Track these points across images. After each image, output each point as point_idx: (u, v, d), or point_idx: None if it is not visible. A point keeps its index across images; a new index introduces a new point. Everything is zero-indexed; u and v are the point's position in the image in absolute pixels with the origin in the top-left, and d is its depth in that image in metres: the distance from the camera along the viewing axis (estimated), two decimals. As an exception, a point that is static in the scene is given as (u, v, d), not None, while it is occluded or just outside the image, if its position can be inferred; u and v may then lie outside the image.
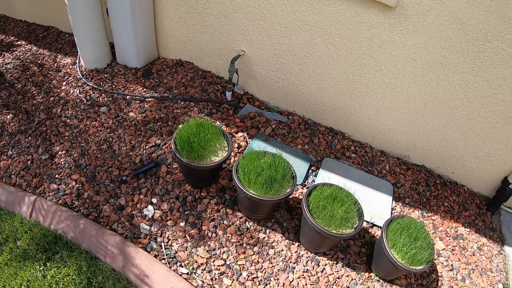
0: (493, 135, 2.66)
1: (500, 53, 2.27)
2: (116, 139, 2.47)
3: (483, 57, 2.31)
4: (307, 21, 2.49)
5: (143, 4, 2.68)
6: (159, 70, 2.91)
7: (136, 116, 2.59)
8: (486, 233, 2.78)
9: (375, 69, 2.56)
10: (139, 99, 2.66)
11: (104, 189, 2.24)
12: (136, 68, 2.89)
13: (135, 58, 2.83)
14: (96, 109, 2.59)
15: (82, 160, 2.34)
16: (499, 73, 2.35)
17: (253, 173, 2.03)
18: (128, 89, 2.73)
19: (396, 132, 2.86)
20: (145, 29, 2.79)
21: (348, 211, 2.03)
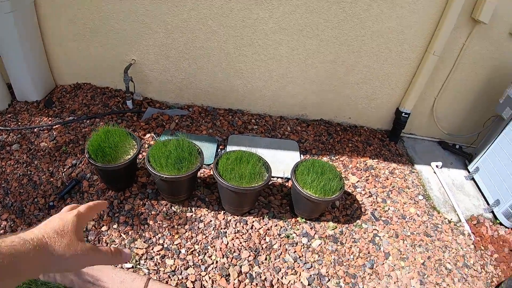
0: (374, 76, 3.22)
1: (358, 5, 2.82)
2: (34, 171, 2.72)
3: (344, 12, 2.85)
4: (184, 18, 2.91)
5: (32, 39, 2.91)
6: (60, 98, 3.18)
7: (47, 144, 2.85)
8: (394, 159, 3.33)
9: (253, 46, 3.04)
10: (47, 128, 2.92)
11: (35, 219, 2.48)
12: (37, 101, 3.13)
13: (34, 92, 3.07)
14: (8, 149, 2.81)
15: (7, 199, 2.56)
16: (362, 23, 2.88)
17: (163, 157, 2.39)
18: (34, 122, 2.98)
19: (289, 96, 3.33)
20: (38, 63, 3.02)
21: (255, 166, 2.46)
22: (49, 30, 3.02)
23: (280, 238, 2.52)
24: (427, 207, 3.05)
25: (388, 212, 2.90)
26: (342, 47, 3.04)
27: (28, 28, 2.89)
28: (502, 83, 3.30)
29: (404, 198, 3.04)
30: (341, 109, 3.40)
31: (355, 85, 3.25)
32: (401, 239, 2.74)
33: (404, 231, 2.81)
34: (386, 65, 3.15)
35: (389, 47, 3.06)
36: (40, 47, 3.06)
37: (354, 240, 2.65)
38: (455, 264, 2.69)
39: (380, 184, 3.06)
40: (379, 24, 2.94)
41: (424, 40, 3.06)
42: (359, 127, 3.49)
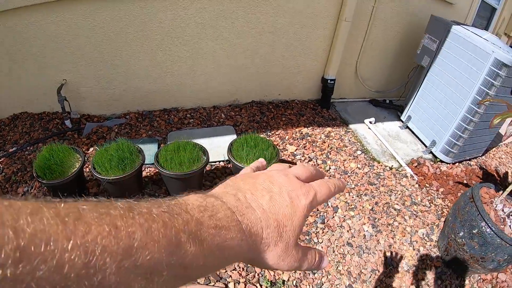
0: (294, 51, 3.59)
1: None
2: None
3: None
4: (106, 32, 3.08)
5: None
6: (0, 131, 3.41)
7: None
8: (329, 123, 3.70)
9: (175, 44, 3.33)
10: (-8, 163, 3.15)
11: None
12: (-23, 140, 3.35)
13: (-28, 131, 3.30)
14: (-46, 191, 3.02)
15: None
16: (271, 3, 3.21)
17: (106, 162, 2.65)
18: (-23, 160, 3.19)
19: (217, 86, 3.61)
20: (-31, 103, 3.26)
21: (192, 152, 2.76)
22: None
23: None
24: (367, 159, 3.43)
25: (329, 171, 3.25)
26: (258, 30, 3.38)
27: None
28: (417, 35, 3.74)
29: (343, 156, 3.40)
30: (270, 88, 3.74)
31: (278, 63, 3.60)
32: (347, 192, 3.09)
33: (348, 184, 3.16)
34: (304, 38, 3.51)
35: (302, 22, 3.43)
36: (-31, 87, 3.26)
37: (300, 201, 2.99)
38: (403, 204, 3.05)
39: (318, 148, 3.41)
40: (291, 2, 3.29)
41: (335, 9, 3.44)
42: (290, 101, 3.85)
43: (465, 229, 2.41)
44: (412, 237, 2.80)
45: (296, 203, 0.46)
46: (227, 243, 0.38)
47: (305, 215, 0.47)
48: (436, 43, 3.50)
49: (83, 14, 3.01)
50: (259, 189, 0.46)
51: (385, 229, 2.82)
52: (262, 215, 0.43)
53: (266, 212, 0.43)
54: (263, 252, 0.43)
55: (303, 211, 0.46)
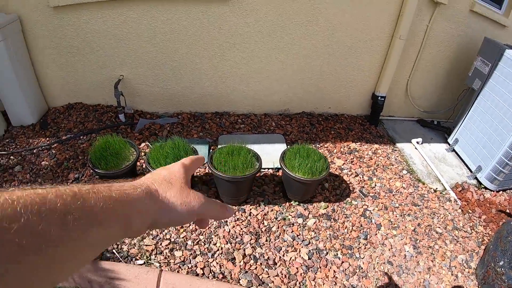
0: (347, 65, 3.58)
1: (324, 1, 3.20)
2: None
3: (312, 9, 3.20)
4: (166, 32, 3.24)
5: (24, 65, 3.18)
6: (54, 119, 3.45)
7: (49, 163, 3.11)
8: (376, 140, 3.67)
9: (232, 50, 3.37)
10: (46, 148, 3.19)
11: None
12: (33, 124, 3.39)
13: (29, 116, 3.34)
14: (10, 171, 3.06)
15: None
16: (329, 17, 3.24)
17: (161, 158, 2.68)
18: (32, 144, 3.24)
19: (270, 94, 3.66)
20: (31, 87, 3.29)
21: (246, 157, 2.76)
22: (38, 55, 3.31)
23: (277, 221, 2.80)
24: (412, 180, 3.38)
25: (375, 188, 3.21)
26: (314, 42, 3.40)
27: (19, 55, 3.18)
28: (469, 57, 3.68)
29: (389, 174, 3.36)
30: (321, 100, 3.74)
31: (331, 76, 3.60)
32: (391, 211, 3.05)
33: (393, 203, 3.12)
34: (358, 53, 3.51)
35: (358, 37, 3.42)
36: (31, 72, 3.34)
37: (346, 216, 2.95)
38: (445, 228, 2.99)
39: (365, 164, 3.38)
40: (346, 16, 3.30)
41: (390, 26, 3.43)
42: (339, 115, 3.84)
43: (505, 259, 2.34)
44: (452, 262, 2.74)
45: (170, 167, 0.65)
46: (132, 196, 0.52)
47: (183, 171, 0.65)
48: (488, 66, 3.43)
49: (145, 14, 3.11)
50: (156, 171, 0.65)
51: (426, 251, 2.77)
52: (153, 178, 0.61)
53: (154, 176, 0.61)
54: (167, 196, 0.59)
55: (178, 169, 0.65)
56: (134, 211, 0.52)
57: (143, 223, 0.54)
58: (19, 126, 3.40)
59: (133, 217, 0.52)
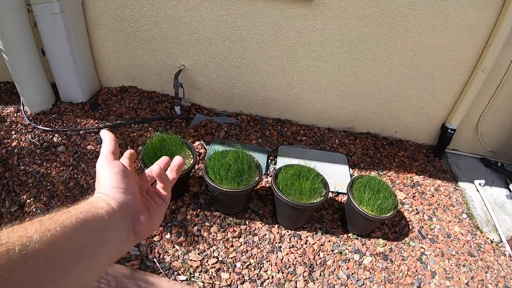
0: (423, 90, 3.25)
1: (412, 20, 2.83)
2: (81, 174, 2.72)
3: (398, 26, 2.88)
4: (238, 26, 2.92)
5: (80, 39, 2.92)
6: (106, 100, 3.18)
7: (94, 148, 2.85)
8: (439, 176, 3.36)
9: (306, 57, 3.05)
10: (93, 131, 2.93)
11: None
12: (83, 103, 3.13)
13: (80, 93, 3.08)
14: (53, 151, 2.81)
15: (53, 202, 2.56)
16: (415, 37, 2.93)
17: (222, 170, 2.40)
18: (79, 124, 2.98)
19: (338, 108, 3.36)
20: (85, 63, 3.03)
21: (314, 182, 2.47)
22: (96, 32, 3.03)
23: (333, 254, 2.54)
24: (471, 226, 3.09)
25: (434, 230, 2.93)
26: (394, 61, 3.05)
27: (76, 29, 2.90)
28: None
29: (449, 216, 3.07)
30: (388, 123, 3.42)
31: (404, 100, 3.27)
32: (447, 258, 2.78)
33: (449, 250, 2.84)
34: (436, 80, 3.17)
35: (440, 62, 3.08)
36: (87, 48, 3.06)
37: (403, 258, 2.68)
38: (496, 285, 2.72)
39: (426, 201, 3.08)
40: (432, 39, 2.95)
41: (474, 57, 3.08)
42: (404, 141, 3.52)
43: None
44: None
45: (112, 169, 0.59)
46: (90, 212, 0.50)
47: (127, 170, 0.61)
48: None
49: (220, 4, 2.82)
50: (100, 177, 0.61)
51: (476, 309, 2.52)
52: (105, 189, 0.58)
53: (105, 187, 0.58)
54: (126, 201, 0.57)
55: (122, 169, 0.59)
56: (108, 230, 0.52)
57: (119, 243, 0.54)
58: (68, 103, 3.13)
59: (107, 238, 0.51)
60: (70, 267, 0.43)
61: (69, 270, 0.43)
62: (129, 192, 0.58)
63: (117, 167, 0.59)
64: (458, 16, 2.82)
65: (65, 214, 0.47)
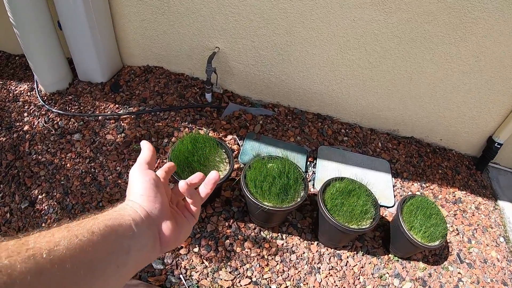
0: (476, 99, 2.88)
1: (480, 23, 2.45)
2: (98, 168, 2.34)
3: (464, 28, 2.47)
4: (285, 8, 2.47)
5: (100, 11, 2.46)
6: (128, 81, 2.74)
7: (115, 138, 2.46)
8: (480, 192, 3.07)
9: (359, 50, 2.63)
10: (114, 118, 2.52)
11: None
12: (102, 83, 2.69)
13: (99, 72, 2.63)
14: (69, 138, 2.41)
15: (67, 200, 2.20)
16: (479, 42, 2.54)
17: (265, 184, 2.04)
18: (98, 108, 2.56)
19: (384, 109, 3.00)
20: (105, 38, 2.58)
21: (365, 203, 2.15)
22: (120, 4, 2.54)
23: (374, 278, 2.27)
24: (506, 251, 2.85)
25: (472, 254, 2.69)
26: (453, 65, 2.66)
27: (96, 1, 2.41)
28: None
29: (487, 239, 2.81)
30: (434, 129, 3.07)
31: (455, 107, 2.90)
32: (481, 286, 2.55)
33: (485, 277, 2.61)
34: (492, 91, 2.80)
35: (500, 72, 2.69)
36: (108, 22, 2.60)
37: (441, 284, 2.44)
38: None
39: (467, 221, 2.81)
40: (497, 46, 2.55)
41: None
42: (447, 150, 3.19)
43: None
44: None
45: (144, 178, 0.59)
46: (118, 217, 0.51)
47: (132, 171, 0.61)
48: None
49: None
50: (132, 185, 0.61)
51: None
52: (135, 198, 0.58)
53: (135, 195, 0.57)
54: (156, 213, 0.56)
55: (155, 179, 0.59)
56: (134, 238, 0.51)
57: (145, 250, 0.53)
58: (86, 82, 2.70)
59: (132, 245, 0.50)
60: (97, 273, 0.42)
61: (95, 276, 0.42)
62: (158, 201, 0.57)
63: (149, 175, 0.59)
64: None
65: (93, 221, 0.46)
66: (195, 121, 2.58)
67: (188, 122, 2.57)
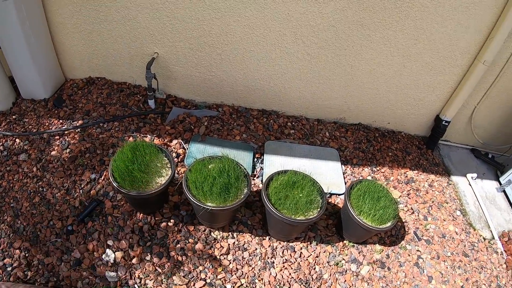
0: (419, 81, 2.82)
1: (415, 6, 2.38)
2: (46, 187, 2.20)
3: (400, 12, 2.40)
4: (219, 8, 2.36)
5: (38, 28, 2.32)
6: (71, 95, 2.60)
7: (60, 154, 2.32)
8: (432, 170, 3.02)
9: (297, 43, 2.54)
10: (58, 133, 2.39)
11: (53, 247, 2.00)
12: (45, 99, 2.54)
13: (41, 88, 2.48)
14: (15, 159, 2.26)
15: (18, 223, 2.06)
16: (417, 24, 2.47)
17: (205, 184, 1.93)
18: (42, 126, 2.41)
19: (329, 98, 2.91)
20: (45, 54, 2.44)
21: (310, 193, 2.06)
22: (57, 18, 2.41)
23: (330, 266, 2.19)
24: (464, 223, 2.80)
25: (429, 231, 2.63)
26: (392, 49, 2.60)
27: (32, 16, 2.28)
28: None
29: (444, 214, 2.76)
30: (380, 114, 3.01)
31: (399, 90, 2.84)
32: (442, 261, 2.50)
33: (445, 251, 2.56)
34: (434, 71, 2.75)
35: (440, 53, 2.65)
36: (46, 37, 2.45)
37: (400, 264, 2.37)
38: (489, 286, 2.49)
39: (421, 199, 2.75)
40: (434, 27, 2.49)
41: (475, 48, 2.66)
42: (396, 132, 3.13)
43: None
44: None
45: None
46: None
47: None
48: None
49: None
50: None
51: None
52: None
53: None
54: None
55: None
56: None
57: None
58: (30, 100, 2.55)
59: None
60: None
61: None
62: None
63: None
64: (462, 4, 2.37)
65: None
66: (139, 129, 2.46)
67: (132, 131, 2.45)
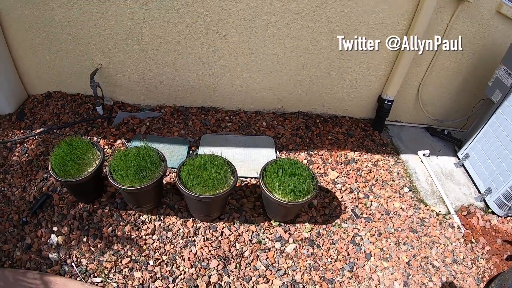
0: (352, 63, 2.88)
1: None
2: (7, 187, 2.54)
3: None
4: (145, 18, 2.62)
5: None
6: (31, 108, 2.98)
7: (20, 159, 2.67)
8: (378, 150, 3.01)
9: (220, 40, 2.74)
10: (19, 141, 2.75)
11: (10, 236, 2.33)
12: (10, 114, 2.94)
13: (6, 105, 2.88)
14: (-20, 166, 2.67)
15: None
16: (335, 7, 2.57)
17: (122, 168, 2.16)
18: (6, 136, 2.79)
19: (263, 90, 3.04)
20: (7, 75, 2.83)
21: (218, 171, 2.20)
22: (14, 40, 2.81)
23: (252, 244, 2.29)
24: (414, 200, 2.75)
25: (370, 209, 2.62)
26: (315, 35, 2.71)
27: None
28: (491, 64, 2.91)
29: (388, 191, 2.74)
30: (319, 100, 3.09)
31: (333, 74, 2.92)
32: (384, 237, 2.47)
33: (388, 228, 2.53)
34: (365, 51, 2.79)
35: (367, 32, 2.71)
36: (7, 59, 2.85)
37: (332, 241, 2.39)
38: (443, 261, 2.41)
39: (362, 178, 2.76)
40: (354, 7, 2.58)
41: (404, 22, 2.71)
42: (340, 117, 3.17)
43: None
44: (444, 303, 2.18)
45: None
46: None
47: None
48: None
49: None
50: None
51: (417, 290, 2.22)
52: None
53: None
54: None
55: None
56: None
57: None
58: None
59: None
60: None
61: None
62: None
63: None
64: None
65: None
66: (88, 133, 2.76)
67: (81, 134, 2.74)
